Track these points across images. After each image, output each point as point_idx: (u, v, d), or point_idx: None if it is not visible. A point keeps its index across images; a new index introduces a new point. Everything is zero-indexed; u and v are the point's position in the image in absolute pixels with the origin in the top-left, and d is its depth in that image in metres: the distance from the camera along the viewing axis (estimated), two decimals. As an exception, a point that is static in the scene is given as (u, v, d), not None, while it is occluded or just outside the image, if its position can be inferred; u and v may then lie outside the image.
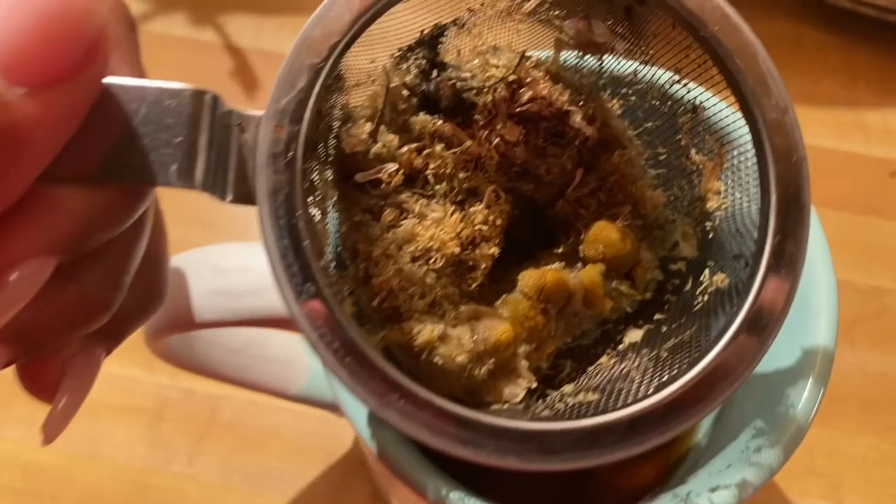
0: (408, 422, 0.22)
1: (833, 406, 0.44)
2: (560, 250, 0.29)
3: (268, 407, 0.46)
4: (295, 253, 0.22)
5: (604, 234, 0.28)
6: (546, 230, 0.31)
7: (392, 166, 0.26)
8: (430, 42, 0.27)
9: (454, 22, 0.27)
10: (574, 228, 0.29)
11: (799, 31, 0.58)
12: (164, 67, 0.59)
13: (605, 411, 0.23)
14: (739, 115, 0.24)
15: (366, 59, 0.26)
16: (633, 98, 0.29)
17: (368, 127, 0.26)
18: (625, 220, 0.28)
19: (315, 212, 0.25)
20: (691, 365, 0.23)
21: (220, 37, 0.55)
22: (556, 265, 0.29)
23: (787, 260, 0.23)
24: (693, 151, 0.28)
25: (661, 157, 0.29)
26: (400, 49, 0.27)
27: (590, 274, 0.28)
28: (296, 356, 0.39)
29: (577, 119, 0.27)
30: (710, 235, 0.28)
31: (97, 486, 0.43)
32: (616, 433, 0.22)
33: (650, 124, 0.29)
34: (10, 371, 0.23)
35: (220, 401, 0.46)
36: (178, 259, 0.32)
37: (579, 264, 0.29)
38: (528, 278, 0.28)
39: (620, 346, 0.28)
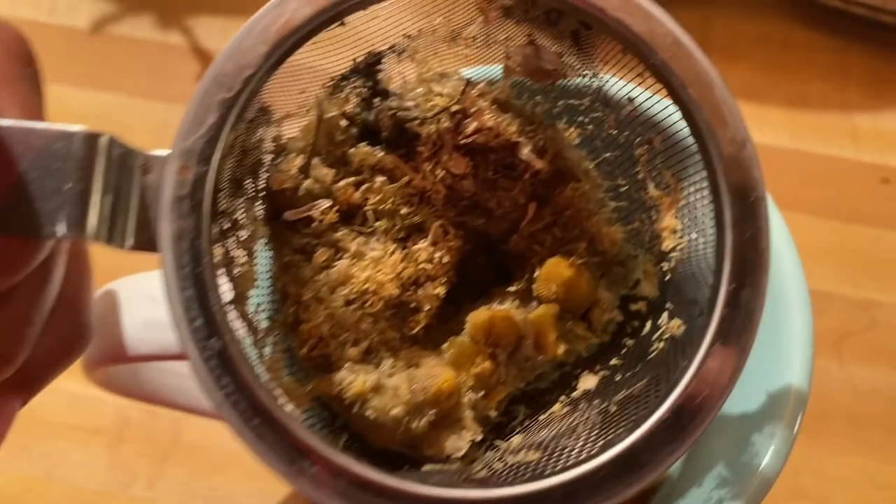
0: (320, 490, 0.20)
1: (819, 424, 0.42)
2: (514, 288, 0.27)
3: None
4: (200, 304, 0.20)
5: (557, 272, 0.26)
6: (502, 264, 0.29)
7: (325, 203, 0.25)
8: (367, 70, 0.25)
9: (391, 48, 0.25)
10: (529, 264, 0.27)
11: (788, 31, 0.55)
12: (130, 71, 0.58)
13: (542, 473, 0.21)
14: (696, 148, 0.23)
15: (295, 89, 0.24)
16: (591, 127, 0.27)
17: (299, 161, 0.24)
18: (581, 257, 0.26)
19: (240, 253, 0.24)
20: (636, 424, 0.21)
21: (187, 39, 0.53)
22: (509, 304, 0.27)
23: (743, 310, 0.21)
24: (651, 185, 0.26)
25: (622, 189, 0.27)
26: (332, 78, 0.25)
27: (541, 316, 0.26)
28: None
29: (525, 151, 0.25)
30: (668, 277, 0.26)
31: (53, 510, 0.42)
32: (550, 501, 0.21)
33: (609, 155, 0.27)
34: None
35: (183, 421, 0.44)
36: (112, 286, 0.30)
37: (534, 303, 0.27)
38: (476, 319, 0.26)
39: (574, 394, 0.27)
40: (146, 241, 0.21)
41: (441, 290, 0.26)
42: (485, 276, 0.29)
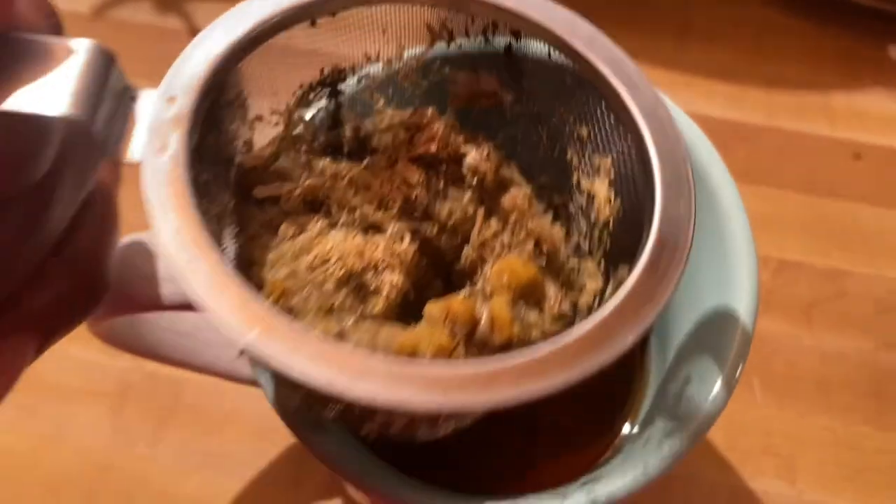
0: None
1: (789, 387, 0.45)
2: (466, 293, 0.28)
3: (230, 390, 0.45)
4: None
5: (507, 264, 0.28)
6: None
7: (293, 184, 0.26)
8: (331, 84, 0.27)
9: (352, 67, 0.27)
10: (482, 273, 0.29)
11: (765, 17, 0.57)
12: (130, 56, 0.58)
13: None
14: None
15: (268, 90, 0.27)
16: (525, 155, 0.30)
17: (269, 150, 0.27)
18: (529, 258, 0.28)
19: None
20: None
21: (186, 23, 0.53)
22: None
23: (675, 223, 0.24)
24: (585, 181, 0.28)
25: (558, 207, 0.30)
26: (301, 86, 0.27)
27: (496, 301, 0.27)
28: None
29: (472, 155, 0.28)
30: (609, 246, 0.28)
31: (62, 469, 0.44)
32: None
33: (544, 178, 0.30)
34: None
35: (183, 384, 0.46)
36: (139, 236, 0.31)
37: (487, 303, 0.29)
38: (434, 306, 0.27)
39: None
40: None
41: (400, 279, 0.27)
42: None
